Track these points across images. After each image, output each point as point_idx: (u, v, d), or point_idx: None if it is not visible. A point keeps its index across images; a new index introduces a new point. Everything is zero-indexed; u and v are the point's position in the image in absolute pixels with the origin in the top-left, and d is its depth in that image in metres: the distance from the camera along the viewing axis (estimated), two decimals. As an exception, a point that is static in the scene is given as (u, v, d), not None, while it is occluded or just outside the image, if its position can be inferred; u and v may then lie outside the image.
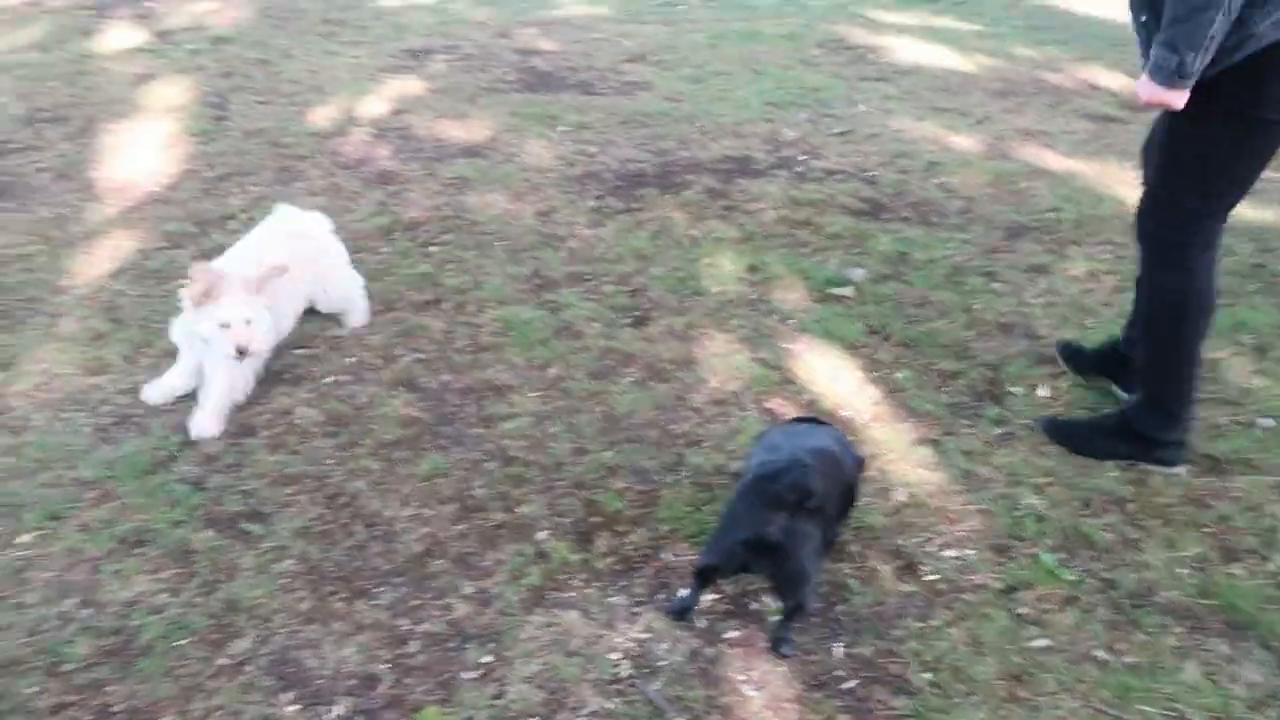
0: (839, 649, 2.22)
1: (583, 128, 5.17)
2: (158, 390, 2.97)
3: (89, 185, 4.35)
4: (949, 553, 2.49)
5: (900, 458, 2.83)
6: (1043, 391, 3.14)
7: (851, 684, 2.14)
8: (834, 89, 5.90)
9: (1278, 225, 4.24)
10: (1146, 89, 2.32)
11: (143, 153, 4.67)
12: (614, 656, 2.20)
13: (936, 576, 2.41)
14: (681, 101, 5.62)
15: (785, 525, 2.05)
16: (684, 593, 2.31)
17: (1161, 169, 2.58)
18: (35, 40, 6.17)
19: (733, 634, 2.26)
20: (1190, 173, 2.48)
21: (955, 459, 2.83)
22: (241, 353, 2.72)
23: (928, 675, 2.14)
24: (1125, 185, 4.53)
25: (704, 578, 2.26)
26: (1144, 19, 2.39)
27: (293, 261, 2.93)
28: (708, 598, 2.35)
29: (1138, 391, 2.85)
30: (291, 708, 2.07)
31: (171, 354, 3.05)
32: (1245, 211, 3.97)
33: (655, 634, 2.26)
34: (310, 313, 3.27)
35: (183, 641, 2.22)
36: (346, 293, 3.33)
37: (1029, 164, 4.85)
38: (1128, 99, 5.78)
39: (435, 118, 5.23)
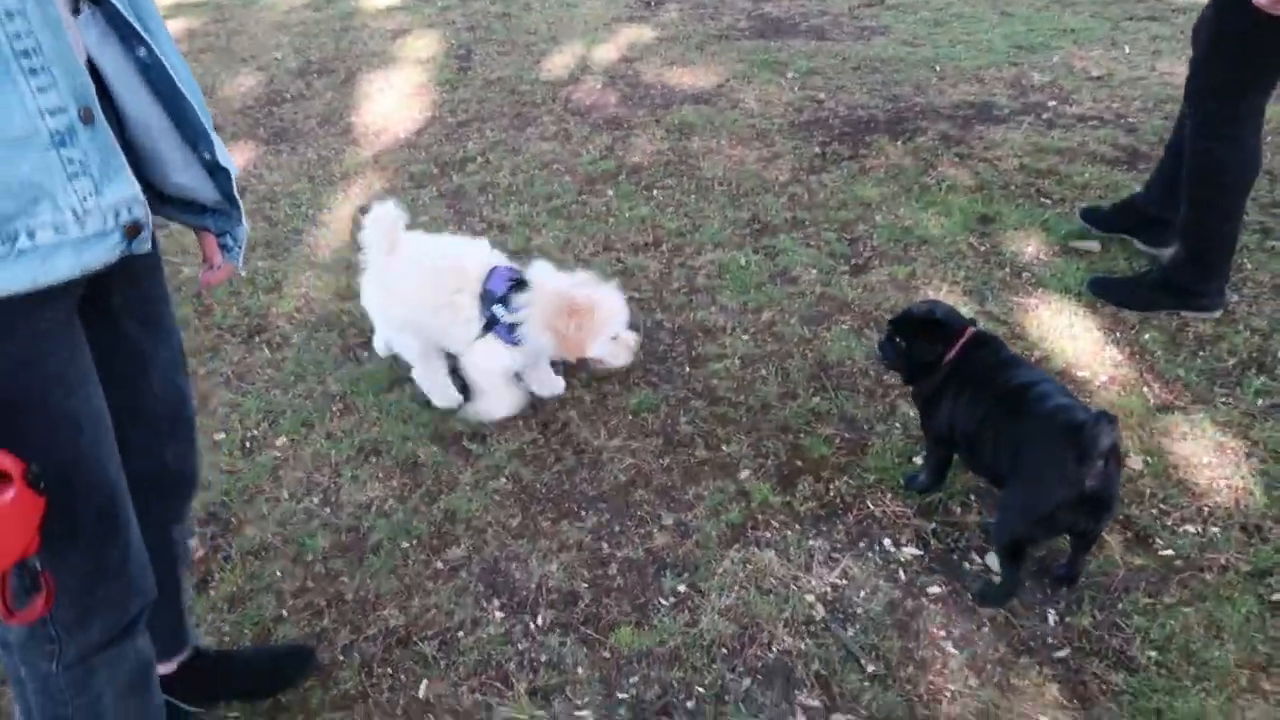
0: (1053, 615, 2.08)
1: (812, 74, 5.04)
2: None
3: (348, 130, 4.73)
4: (1189, 528, 2.26)
5: (1140, 423, 2.59)
6: (1323, 362, 2.77)
7: (1064, 653, 2.00)
8: (1094, 30, 5.41)
9: None
10: None
11: (395, 100, 5.02)
12: (809, 599, 2.17)
13: (1172, 552, 2.20)
14: (919, 46, 5.35)
15: (1104, 474, 1.89)
16: (997, 577, 2.15)
17: (1213, 43, 2.71)
18: (310, 1, 6.75)
19: (936, 589, 2.18)
20: (1239, 52, 2.65)
21: (1206, 429, 2.55)
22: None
23: (1153, 653, 1.97)
24: None
25: (1016, 552, 2.07)
26: None
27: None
28: (912, 551, 2.27)
29: (1177, 247, 3.01)
30: (499, 613, 2.20)
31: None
32: None
33: (853, 581, 2.21)
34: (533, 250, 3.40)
35: (406, 544, 2.40)
36: None
37: (1326, 109, 4.24)
38: None
39: (664, 65, 5.27)
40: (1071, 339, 2.95)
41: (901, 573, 2.23)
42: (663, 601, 2.20)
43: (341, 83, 5.29)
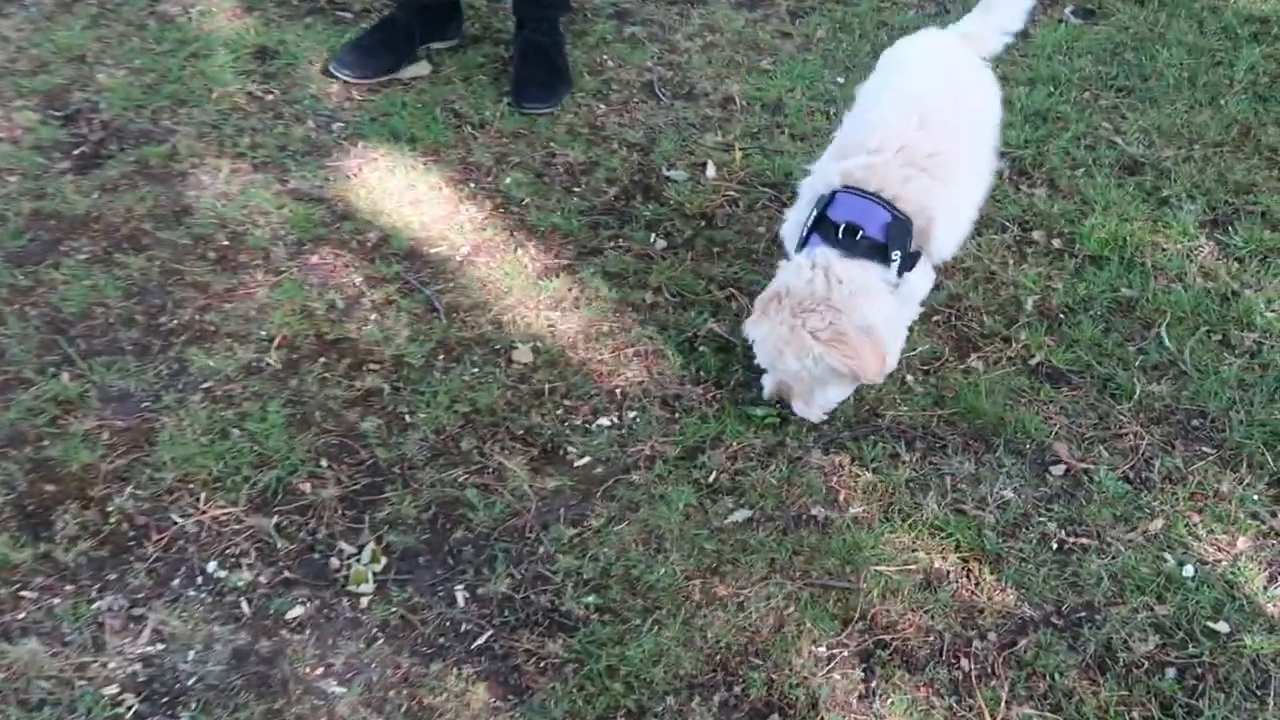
0: (461, 594, 2.21)
1: None
2: None
3: None
4: (603, 421, 2.54)
5: (520, 301, 2.82)
6: (711, 171, 3.23)
7: (484, 638, 2.14)
8: None
9: None
10: None
11: None
12: (111, 691, 2.06)
13: (589, 459, 2.45)
14: None
15: None
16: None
17: None
18: None
19: (299, 610, 2.19)
20: None
21: (600, 287, 2.86)
22: None
23: (591, 599, 2.19)
24: None
25: None
26: None
27: None
28: (250, 566, 2.24)
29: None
30: None
31: None
32: None
33: (175, 639, 2.13)
34: None
35: None
36: None
37: None
38: None
39: None
40: (415, 204, 3.10)
41: (244, 603, 2.20)
42: None
43: None
